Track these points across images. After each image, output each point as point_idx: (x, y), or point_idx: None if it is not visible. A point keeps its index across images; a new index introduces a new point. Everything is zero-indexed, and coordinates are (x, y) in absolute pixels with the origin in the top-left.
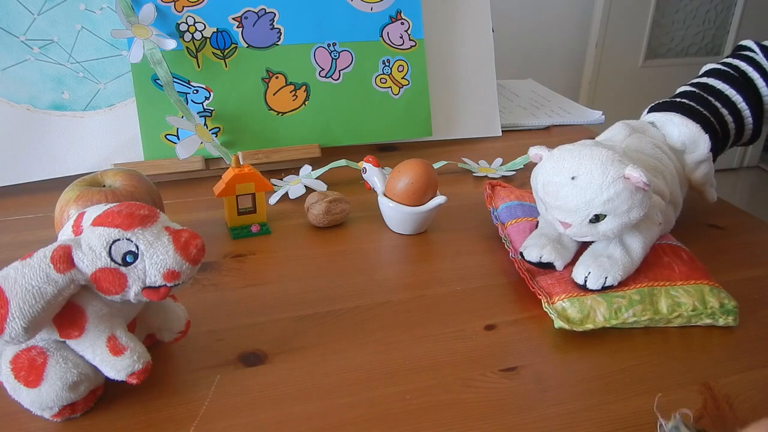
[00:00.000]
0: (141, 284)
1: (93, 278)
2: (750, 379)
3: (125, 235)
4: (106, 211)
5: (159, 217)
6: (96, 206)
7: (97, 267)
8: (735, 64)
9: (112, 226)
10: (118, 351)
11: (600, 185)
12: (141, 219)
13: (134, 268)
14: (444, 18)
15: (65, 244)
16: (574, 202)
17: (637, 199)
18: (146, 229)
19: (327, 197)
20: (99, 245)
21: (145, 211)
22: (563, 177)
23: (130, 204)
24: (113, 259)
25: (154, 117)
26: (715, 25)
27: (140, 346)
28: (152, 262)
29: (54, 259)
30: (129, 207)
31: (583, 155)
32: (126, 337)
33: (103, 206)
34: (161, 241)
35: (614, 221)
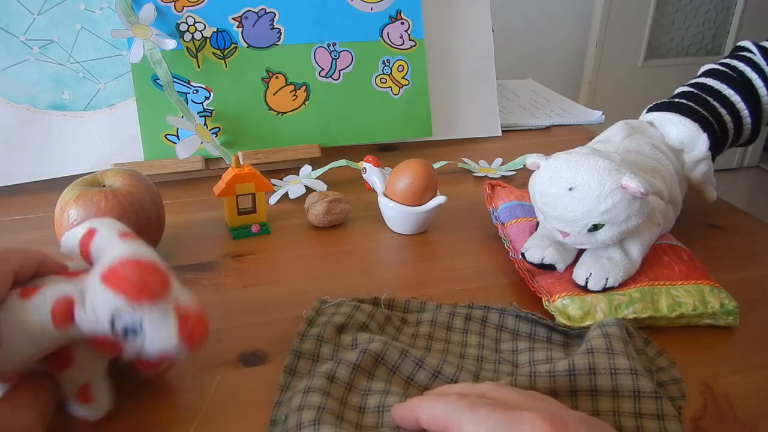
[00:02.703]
0: (135, 355)
1: (89, 339)
2: (750, 379)
3: (131, 308)
4: (119, 273)
5: (170, 290)
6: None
7: (96, 333)
8: (733, 64)
9: (120, 291)
10: (85, 399)
11: (597, 196)
12: (151, 292)
13: (132, 341)
14: (444, 18)
15: (68, 297)
16: (571, 213)
17: (635, 207)
18: (154, 305)
19: (327, 197)
20: (102, 313)
21: (159, 283)
22: (560, 188)
23: (146, 269)
24: (114, 330)
25: (154, 117)
26: (715, 25)
27: (106, 400)
28: (152, 341)
29: (55, 314)
30: (142, 272)
31: (580, 165)
32: (99, 386)
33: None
34: (166, 325)
35: (612, 230)
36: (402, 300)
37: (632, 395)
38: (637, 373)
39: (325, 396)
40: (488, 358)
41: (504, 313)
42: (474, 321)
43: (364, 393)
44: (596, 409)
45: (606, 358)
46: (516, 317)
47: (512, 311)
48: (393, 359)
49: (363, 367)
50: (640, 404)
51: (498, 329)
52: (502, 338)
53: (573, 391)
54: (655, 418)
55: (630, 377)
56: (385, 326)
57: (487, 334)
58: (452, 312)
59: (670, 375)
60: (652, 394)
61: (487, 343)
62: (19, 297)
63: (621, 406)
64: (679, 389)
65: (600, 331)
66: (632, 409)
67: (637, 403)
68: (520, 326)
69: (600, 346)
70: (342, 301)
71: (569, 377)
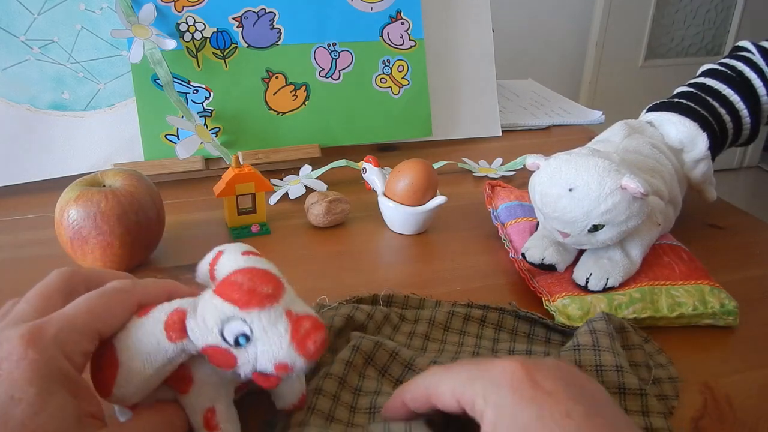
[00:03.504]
0: (251, 368)
1: (203, 351)
2: (750, 379)
3: (240, 315)
4: (231, 281)
5: (282, 296)
6: (234, 250)
7: (207, 343)
8: (732, 64)
9: (230, 300)
10: (211, 427)
11: (597, 197)
12: (261, 298)
13: (245, 351)
14: (444, 18)
15: (182, 309)
16: (571, 214)
17: (635, 207)
18: (264, 311)
19: (327, 197)
20: (212, 321)
21: (269, 289)
22: (560, 189)
23: (257, 274)
24: (224, 339)
25: (154, 117)
26: (715, 25)
27: (234, 428)
28: (264, 350)
29: (168, 326)
30: (253, 279)
31: (580, 166)
32: (226, 413)
33: (239, 260)
34: (277, 330)
35: (612, 230)
36: (401, 295)
37: (617, 392)
38: (622, 369)
39: (316, 395)
40: (484, 357)
41: (503, 313)
42: (472, 321)
43: (356, 392)
44: None
45: (592, 355)
46: (515, 317)
47: (511, 311)
48: (382, 362)
49: (355, 364)
50: (625, 401)
51: (496, 329)
52: (500, 338)
53: None
54: (640, 414)
55: (615, 374)
56: (382, 326)
57: (485, 335)
58: (451, 311)
59: (667, 372)
60: (637, 390)
61: (484, 344)
62: (137, 316)
63: None
64: (674, 388)
65: (587, 327)
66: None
67: (622, 399)
68: (519, 326)
69: (586, 343)
70: (340, 304)
71: None
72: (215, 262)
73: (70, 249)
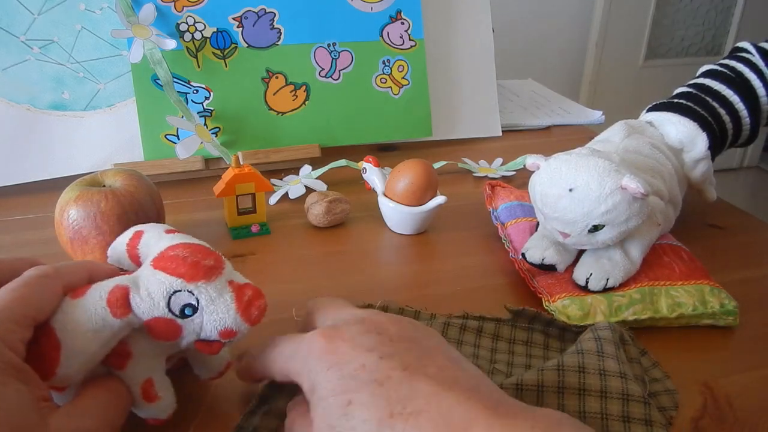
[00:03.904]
0: (195, 336)
1: (147, 324)
2: (750, 379)
3: (187, 287)
4: (171, 255)
5: (224, 268)
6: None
7: (154, 316)
8: (732, 65)
9: (175, 274)
10: (150, 398)
11: (597, 197)
12: (206, 271)
13: (191, 321)
14: (444, 18)
15: (123, 285)
16: (572, 215)
17: (635, 208)
18: (210, 283)
19: (327, 197)
20: (158, 294)
21: (211, 261)
22: (560, 189)
23: (197, 249)
24: (171, 310)
25: (154, 117)
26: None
27: (171, 396)
28: (211, 318)
29: (111, 303)
30: (195, 254)
31: (580, 166)
32: (162, 382)
33: (165, 239)
34: (223, 299)
35: (612, 231)
36: (396, 307)
37: (621, 398)
38: (626, 376)
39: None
40: (482, 367)
41: (500, 323)
42: (469, 331)
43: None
44: (583, 410)
45: (596, 359)
46: (512, 326)
47: (507, 320)
48: None
49: None
50: (629, 407)
51: (493, 338)
52: (498, 348)
53: (560, 387)
54: (643, 423)
55: (619, 380)
56: None
57: (483, 344)
58: (446, 323)
59: (663, 386)
60: (641, 399)
61: (482, 354)
62: (71, 297)
63: (609, 408)
64: (672, 400)
65: (592, 335)
66: (620, 411)
67: (626, 406)
68: (516, 334)
69: (591, 348)
70: None
71: (557, 372)
72: (136, 242)
73: (70, 249)
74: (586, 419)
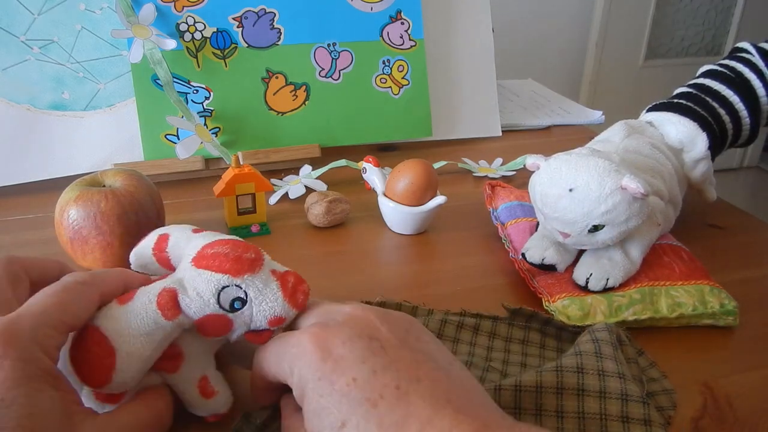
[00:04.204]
0: (245, 328)
1: (199, 323)
2: (750, 379)
3: (234, 282)
4: (213, 253)
5: (265, 259)
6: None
7: (205, 313)
8: (732, 65)
9: (221, 271)
10: (208, 394)
11: (597, 197)
12: (250, 264)
13: (241, 314)
14: (444, 18)
15: (170, 287)
16: (572, 215)
17: (635, 208)
18: (255, 275)
19: (327, 197)
20: (207, 292)
21: (252, 254)
22: (561, 189)
23: (235, 244)
24: (221, 306)
25: (154, 117)
26: (715, 25)
27: (227, 389)
28: (260, 309)
29: (161, 305)
30: (235, 249)
31: (580, 166)
32: (215, 378)
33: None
34: (270, 288)
35: (613, 231)
36: (393, 302)
37: (620, 398)
38: (624, 377)
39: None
40: (477, 365)
41: (496, 321)
42: (465, 329)
43: None
44: (582, 411)
45: (594, 360)
46: (509, 324)
47: (505, 318)
48: None
49: None
50: (627, 407)
51: (490, 337)
52: (494, 346)
53: (559, 388)
54: (642, 423)
55: (618, 380)
56: None
57: (479, 343)
58: (443, 320)
59: (661, 386)
60: (640, 399)
61: (478, 352)
62: (118, 303)
63: (608, 408)
64: (669, 400)
65: (590, 336)
66: (619, 412)
67: (625, 406)
68: (513, 332)
69: (589, 350)
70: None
71: (556, 372)
72: (163, 245)
73: (70, 249)
74: (585, 420)
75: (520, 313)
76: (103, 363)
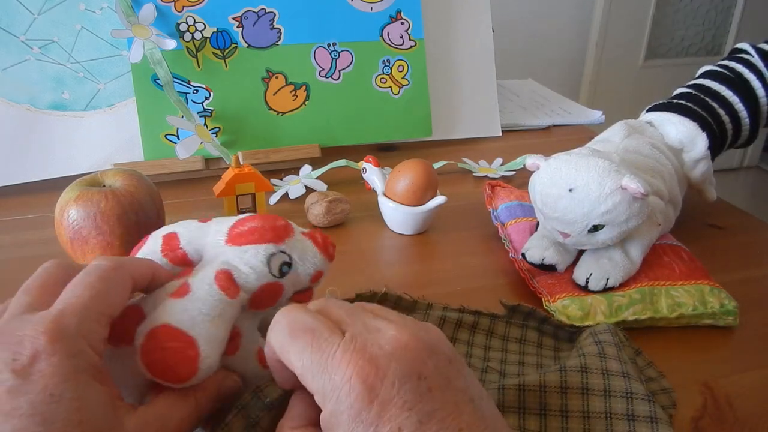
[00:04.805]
0: (293, 290)
1: (254, 296)
2: (750, 379)
3: (279, 248)
4: (247, 229)
5: (292, 224)
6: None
7: (261, 284)
8: (731, 66)
9: (264, 241)
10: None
11: (597, 197)
12: (285, 229)
13: (289, 277)
14: (444, 18)
15: (222, 269)
16: (572, 215)
17: (635, 208)
18: (292, 238)
19: (327, 197)
20: (259, 263)
21: (282, 221)
22: (560, 189)
23: (263, 217)
24: (272, 273)
25: (154, 117)
26: (715, 25)
27: None
28: (303, 268)
29: (224, 287)
30: (266, 220)
31: (580, 166)
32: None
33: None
34: (307, 246)
35: (612, 231)
36: (394, 295)
37: (625, 396)
38: (629, 376)
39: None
40: (475, 365)
41: (494, 319)
42: (463, 329)
43: None
44: (587, 410)
45: (598, 361)
46: (507, 323)
47: (503, 316)
48: None
49: None
50: (633, 405)
51: (487, 335)
52: (491, 346)
53: (563, 387)
54: (648, 421)
55: (622, 379)
56: None
57: (476, 342)
58: (442, 316)
59: (659, 385)
60: (645, 397)
61: (475, 352)
62: (176, 297)
63: (613, 407)
64: (669, 398)
65: (592, 339)
66: (625, 410)
67: (630, 404)
68: (510, 331)
69: (592, 351)
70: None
71: (560, 372)
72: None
73: (70, 249)
74: (590, 419)
75: (518, 310)
76: (186, 355)
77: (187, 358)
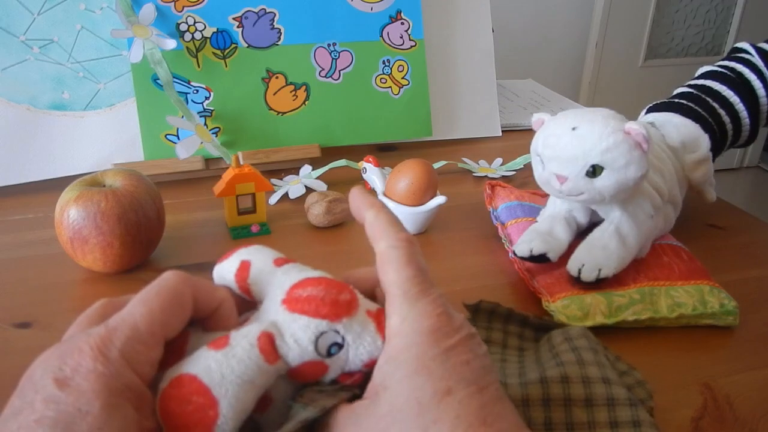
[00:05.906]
0: (339, 372)
1: (295, 370)
2: (750, 379)
3: (333, 327)
4: (306, 296)
5: (359, 298)
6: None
7: (303, 360)
8: (731, 66)
9: (318, 316)
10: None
11: (600, 134)
12: (347, 306)
13: (337, 358)
14: (444, 18)
15: (268, 331)
16: (572, 151)
17: (636, 155)
18: (352, 318)
19: (327, 197)
20: (305, 338)
21: (347, 295)
22: (564, 129)
23: (329, 284)
24: (318, 353)
25: (154, 117)
26: (715, 25)
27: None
28: (357, 352)
29: (264, 350)
30: (329, 290)
31: (586, 111)
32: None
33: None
34: (368, 330)
35: (611, 176)
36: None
37: (606, 404)
38: (609, 381)
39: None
40: None
41: (493, 315)
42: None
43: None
44: (570, 421)
45: (578, 369)
46: (505, 318)
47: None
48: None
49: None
50: (615, 412)
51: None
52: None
53: (545, 399)
54: (631, 426)
55: (603, 386)
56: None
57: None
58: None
59: (634, 378)
60: (627, 401)
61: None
62: (213, 349)
63: (596, 416)
64: (645, 391)
65: (568, 346)
66: (607, 418)
67: (612, 411)
68: (509, 327)
69: (570, 360)
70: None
71: (541, 385)
72: (245, 275)
73: (70, 249)
74: (574, 430)
75: (479, 310)
76: (205, 415)
77: (206, 418)
